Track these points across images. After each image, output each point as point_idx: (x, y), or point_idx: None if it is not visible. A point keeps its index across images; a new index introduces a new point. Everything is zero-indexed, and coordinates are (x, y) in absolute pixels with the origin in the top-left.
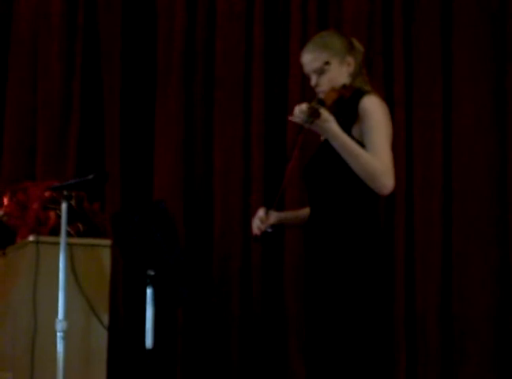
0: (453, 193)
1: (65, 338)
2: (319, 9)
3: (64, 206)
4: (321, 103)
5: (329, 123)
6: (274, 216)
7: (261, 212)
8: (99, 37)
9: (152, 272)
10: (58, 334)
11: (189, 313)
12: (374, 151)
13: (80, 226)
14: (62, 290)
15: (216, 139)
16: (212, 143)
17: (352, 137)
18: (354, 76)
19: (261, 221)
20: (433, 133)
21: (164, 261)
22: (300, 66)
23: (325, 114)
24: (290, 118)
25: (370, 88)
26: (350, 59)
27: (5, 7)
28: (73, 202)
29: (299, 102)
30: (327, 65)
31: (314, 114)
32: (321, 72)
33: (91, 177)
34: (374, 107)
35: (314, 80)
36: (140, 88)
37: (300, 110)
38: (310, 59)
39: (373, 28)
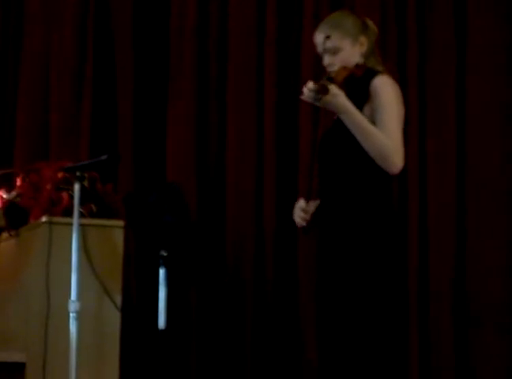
0: (466, 171)
1: (78, 319)
2: None
3: (77, 187)
4: (331, 79)
5: (339, 98)
6: (313, 207)
7: (302, 203)
8: (111, 16)
9: (164, 253)
10: (71, 315)
11: (202, 294)
12: (384, 131)
13: (93, 207)
14: (75, 271)
15: (229, 118)
16: (225, 123)
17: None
18: (367, 56)
19: (305, 212)
20: (446, 111)
21: (177, 242)
22: (313, 48)
23: (333, 89)
24: (301, 98)
25: (383, 68)
26: (363, 39)
27: None
28: (85, 183)
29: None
30: (339, 45)
31: (322, 91)
32: (333, 51)
33: (104, 158)
34: (385, 87)
35: (326, 59)
36: (153, 67)
37: (309, 88)
38: (322, 39)
39: (386, 7)
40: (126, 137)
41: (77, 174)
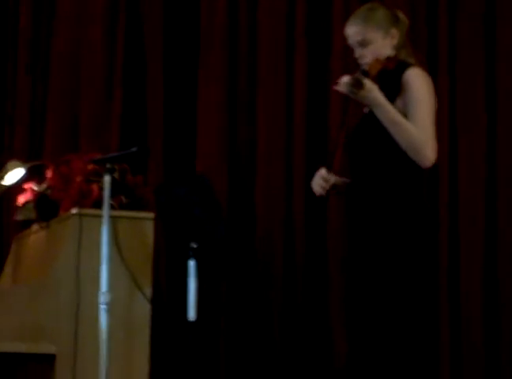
0: (497, 162)
1: (108, 310)
2: None
3: (107, 179)
4: (365, 73)
5: (373, 92)
6: (334, 178)
7: (323, 171)
8: (141, 11)
9: (194, 245)
10: (102, 306)
11: (232, 286)
12: (416, 124)
13: (123, 199)
14: (105, 262)
15: (258, 111)
16: (255, 116)
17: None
18: (398, 48)
19: (325, 180)
20: (476, 102)
21: (207, 234)
22: (342, 39)
23: (368, 84)
24: (335, 88)
25: (415, 61)
26: (394, 32)
27: None
28: (116, 175)
29: (341, 71)
30: (370, 38)
31: (357, 85)
32: (364, 44)
33: (134, 150)
34: (418, 80)
35: (357, 52)
36: (182, 59)
37: (344, 83)
38: (353, 31)
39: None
40: (156, 129)
41: (107, 166)
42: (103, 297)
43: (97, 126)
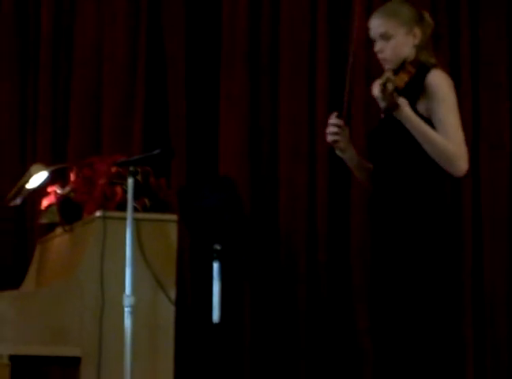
0: None
1: (133, 313)
2: None
3: (130, 181)
4: (397, 90)
5: (404, 110)
6: (347, 138)
7: (334, 118)
8: (162, 13)
9: (218, 247)
10: (126, 309)
11: (256, 288)
12: (446, 133)
13: (147, 201)
14: (129, 265)
15: (281, 112)
16: (277, 117)
17: (417, 112)
18: (419, 48)
19: (336, 126)
20: (499, 100)
21: (231, 235)
22: (364, 39)
23: (402, 103)
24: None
25: (436, 61)
26: (417, 31)
27: None
28: (139, 177)
29: (363, 77)
30: (393, 33)
31: (392, 107)
32: (386, 37)
33: (157, 152)
34: (442, 83)
35: (378, 45)
36: (205, 61)
37: (378, 99)
38: (377, 24)
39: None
40: (178, 131)
41: (131, 168)
42: (128, 299)
43: (120, 128)
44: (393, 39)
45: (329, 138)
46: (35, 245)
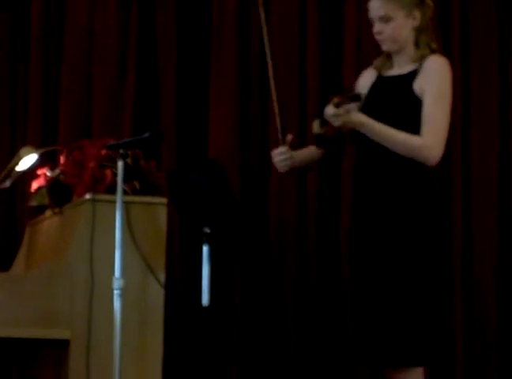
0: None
1: (122, 296)
2: None
3: (120, 164)
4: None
5: (354, 115)
6: (292, 155)
7: (277, 150)
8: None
9: (208, 230)
10: (115, 292)
11: (245, 271)
12: (425, 120)
13: (137, 184)
14: (119, 248)
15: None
16: (267, 97)
17: (414, 93)
18: (419, 31)
19: (280, 154)
20: (489, 90)
21: (220, 219)
22: (355, 28)
23: (357, 120)
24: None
25: (436, 46)
26: (417, 13)
27: None
28: (129, 160)
29: (355, 67)
30: (392, 15)
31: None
32: (385, 20)
33: (147, 135)
34: (441, 70)
35: (377, 26)
36: (195, 44)
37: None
38: (377, 6)
39: None
40: (168, 114)
41: (121, 151)
42: (117, 282)
43: (110, 112)
44: (393, 21)
45: (281, 168)
46: (24, 227)
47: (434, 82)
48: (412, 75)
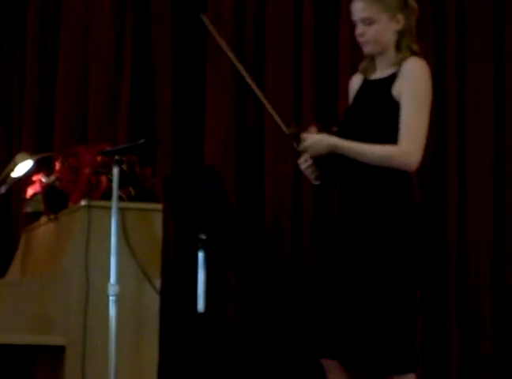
0: (505, 162)
1: (117, 302)
2: None
3: (115, 170)
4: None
5: (319, 142)
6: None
7: (302, 159)
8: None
9: (203, 236)
10: (111, 298)
11: (240, 277)
12: (404, 126)
13: (132, 190)
14: (114, 254)
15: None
16: (263, 106)
17: (392, 97)
18: (401, 34)
19: (303, 162)
20: (485, 99)
21: (215, 225)
22: (351, 24)
23: (331, 145)
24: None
25: (418, 49)
26: (400, 17)
27: None
28: (124, 166)
29: (350, 73)
30: (376, 18)
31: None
32: (368, 22)
33: (142, 141)
34: (419, 73)
35: (359, 28)
36: (191, 51)
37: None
38: (360, 7)
39: None
40: (164, 120)
41: (116, 157)
42: (112, 288)
43: (105, 118)
44: (376, 24)
45: (311, 177)
46: (20, 233)
47: (411, 85)
48: (392, 79)
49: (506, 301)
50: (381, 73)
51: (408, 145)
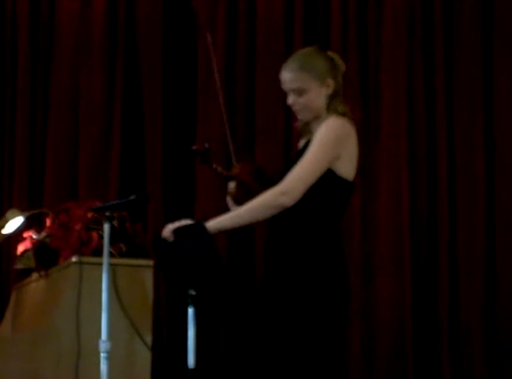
0: (495, 191)
1: (109, 358)
2: None
3: (106, 227)
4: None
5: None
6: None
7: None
8: (139, 56)
9: (193, 292)
10: (102, 355)
11: (231, 332)
12: (294, 168)
13: (123, 246)
14: (105, 310)
15: (256, 150)
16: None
17: None
18: (332, 97)
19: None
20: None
21: (205, 281)
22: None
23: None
24: None
25: (345, 109)
26: (330, 81)
27: (46, 28)
28: (115, 223)
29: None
30: (306, 87)
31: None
32: (300, 93)
33: (133, 197)
34: (329, 125)
35: (290, 99)
36: (180, 104)
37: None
38: (288, 78)
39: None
40: (154, 176)
41: (107, 213)
42: (104, 345)
43: (96, 174)
44: (306, 93)
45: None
46: (11, 290)
47: (319, 134)
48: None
49: (498, 354)
50: (312, 135)
51: (286, 185)
